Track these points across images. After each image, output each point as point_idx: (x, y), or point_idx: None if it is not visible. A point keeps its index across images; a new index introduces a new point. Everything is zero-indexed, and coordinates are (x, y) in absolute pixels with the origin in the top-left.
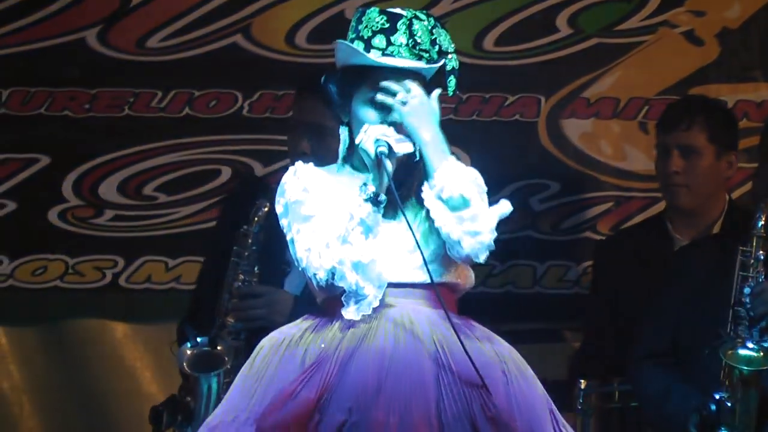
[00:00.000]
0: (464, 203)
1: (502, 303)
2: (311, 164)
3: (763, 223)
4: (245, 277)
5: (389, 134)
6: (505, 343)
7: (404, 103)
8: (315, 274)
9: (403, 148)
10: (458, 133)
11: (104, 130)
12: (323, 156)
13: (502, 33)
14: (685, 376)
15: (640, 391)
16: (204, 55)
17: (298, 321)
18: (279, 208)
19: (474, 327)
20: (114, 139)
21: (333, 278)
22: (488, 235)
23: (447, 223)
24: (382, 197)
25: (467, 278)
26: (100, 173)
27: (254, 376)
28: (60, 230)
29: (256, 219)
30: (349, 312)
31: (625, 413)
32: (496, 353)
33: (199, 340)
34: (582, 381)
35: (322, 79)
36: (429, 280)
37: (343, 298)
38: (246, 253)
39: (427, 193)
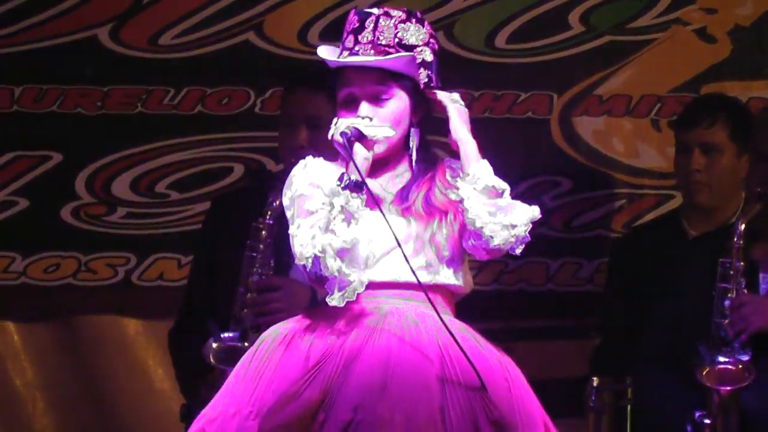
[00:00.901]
0: (500, 193)
1: (516, 300)
2: (321, 159)
3: (741, 232)
4: (262, 270)
5: (360, 122)
6: (499, 349)
7: (454, 101)
8: (304, 266)
9: (376, 132)
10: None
11: (117, 128)
12: (320, 148)
13: (513, 31)
14: (686, 377)
15: (641, 396)
16: (216, 53)
17: (302, 316)
18: (285, 201)
19: (473, 329)
20: (126, 137)
21: (319, 267)
22: (523, 228)
23: (481, 214)
24: (359, 182)
25: (469, 283)
26: (112, 171)
27: (256, 370)
28: (72, 228)
29: (269, 212)
30: (334, 299)
31: (638, 411)
32: (498, 359)
33: (224, 335)
34: (595, 378)
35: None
36: (432, 281)
37: (326, 286)
38: (261, 246)
39: (462, 184)
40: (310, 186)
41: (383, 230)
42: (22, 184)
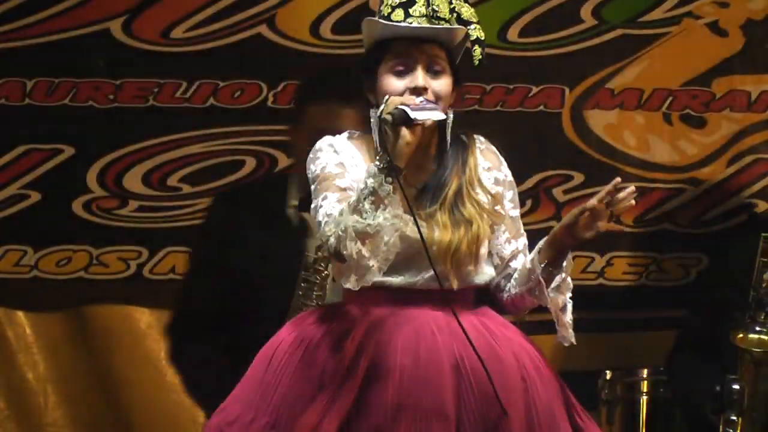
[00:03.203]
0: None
1: None
2: (345, 135)
3: None
4: (317, 302)
5: (409, 102)
6: (521, 335)
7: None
8: (327, 240)
9: (425, 115)
10: (483, 124)
11: (129, 121)
12: None
13: (526, 24)
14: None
15: (674, 381)
16: (229, 46)
17: (317, 317)
18: (310, 175)
19: (490, 321)
20: (138, 130)
21: (339, 246)
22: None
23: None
24: (396, 167)
25: (490, 276)
26: (124, 164)
27: (273, 376)
28: (84, 221)
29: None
30: (349, 282)
31: (652, 403)
32: (515, 356)
33: None
34: (607, 371)
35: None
36: (452, 287)
37: (344, 267)
38: (317, 279)
39: (557, 296)
40: (338, 165)
41: (406, 229)
42: (33, 178)
